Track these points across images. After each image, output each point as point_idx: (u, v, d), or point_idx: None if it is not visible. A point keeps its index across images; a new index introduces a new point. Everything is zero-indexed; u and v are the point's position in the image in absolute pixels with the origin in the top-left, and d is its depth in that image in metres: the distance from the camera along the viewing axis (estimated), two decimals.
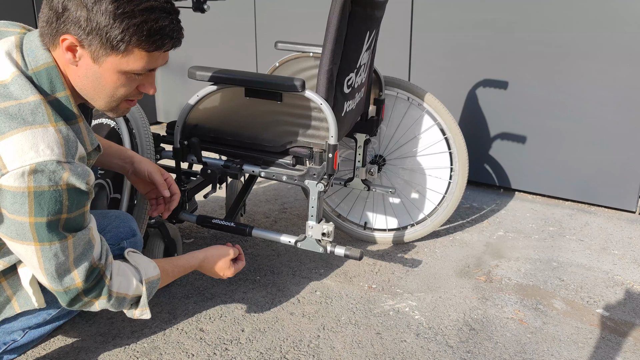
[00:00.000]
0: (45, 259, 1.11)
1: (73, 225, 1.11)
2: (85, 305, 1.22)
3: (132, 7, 1.05)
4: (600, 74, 2.48)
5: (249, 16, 3.35)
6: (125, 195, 1.78)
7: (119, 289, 1.24)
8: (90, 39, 1.06)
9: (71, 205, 1.08)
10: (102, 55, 1.08)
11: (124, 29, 1.05)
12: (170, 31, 1.11)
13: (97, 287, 1.20)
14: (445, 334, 1.69)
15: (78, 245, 1.13)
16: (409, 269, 2.07)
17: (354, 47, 1.70)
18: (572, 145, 2.62)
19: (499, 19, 2.62)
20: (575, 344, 1.66)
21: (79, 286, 1.16)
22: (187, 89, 3.71)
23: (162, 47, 1.11)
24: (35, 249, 1.09)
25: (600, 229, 2.43)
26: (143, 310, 1.32)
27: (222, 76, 1.66)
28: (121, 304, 1.27)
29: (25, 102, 1.05)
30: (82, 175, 1.08)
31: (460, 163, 2.12)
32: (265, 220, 2.49)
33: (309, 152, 1.70)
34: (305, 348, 1.62)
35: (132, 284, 1.27)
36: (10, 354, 1.39)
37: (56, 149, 1.04)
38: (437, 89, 2.87)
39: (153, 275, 1.33)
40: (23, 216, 1.04)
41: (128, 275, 1.27)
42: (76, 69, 1.11)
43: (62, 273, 1.13)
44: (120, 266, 1.27)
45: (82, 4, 1.04)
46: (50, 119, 1.06)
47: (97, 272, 1.19)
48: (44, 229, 1.07)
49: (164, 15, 1.09)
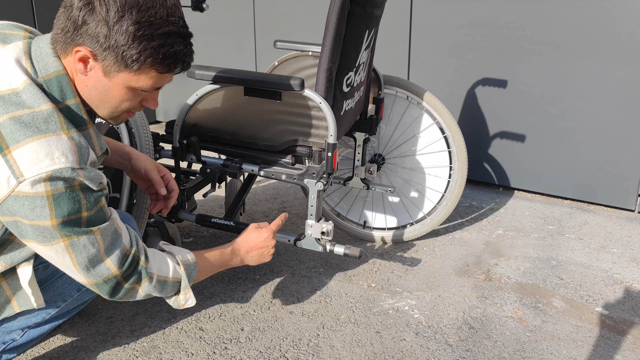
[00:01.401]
0: (77, 253, 1.13)
1: (95, 221, 1.14)
2: (129, 293, 1.24)
3: (152, 30, 1.08)
4: (599, 72, 2.48)
5: (248, 15, 3.34)
6: (125, 194, 1.78)
7: (159, 272, 1.27)
8: (106, 55, 1.09)
9: (89, 203, 1.11)
10: (114, 71, 1.11)
11: (141, 50, 1.08)
12: (183, 55, 1.15)
13: (135, 271, 1.23)
14: (444, 333, 1.69)
15: (106, 236, 1.16)
16: (409, 268, 2.07)
17: (353, 46, 1.70)
18: (571, 144, 2.63)
19: (498, 18, 2.62)
20: (574, 343, 1.66)
21: (116, 274, 1.19)
22: (186, 88, 3.71)
23: (173, 70, 1.16)
24: (64, 246, 1.12)
25: (599, 227, 2.43)
26: (187, 293, 1.34)
27: (221, 75, 1.66)
28: (164, 288, 1.29)
29: (38, 110, 1.07)
30: (95, 180, 1.11)
31: (460, 162, 2.12)
32: (264, 219, 2.48)
33: (308, 151, 1.70)
34: (305, 347, 1.62)
35: (170, 267, 1.30)
36: (9, 353, 1.39)
37: (70, 156, 1.07)
38: (436, 87, 2.87)
39: (189, 259, 1.36)
40: (45, 220, 1.07)
41: (165, 258, 1.31)
42: (85, 79, 1.13)
43: (95, 264, 1.16)
44: (155, 252, 1.30)
45: (104, 21, 1.06)
46: (62, 126, 1.09)
47: (132, 258, 1.22)
48: (68, 227, 1.10)
49: (180, 40, 1.13)
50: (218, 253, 1.47)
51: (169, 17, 1.11)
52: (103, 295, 1.22)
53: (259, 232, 1.55)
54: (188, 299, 1.35)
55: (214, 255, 1.45)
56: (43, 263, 1.33)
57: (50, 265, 1.34)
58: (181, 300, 1.35)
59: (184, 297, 1.35)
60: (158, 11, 1.09)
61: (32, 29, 1.25)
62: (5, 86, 1.08)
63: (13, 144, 1.03)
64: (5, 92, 1.07)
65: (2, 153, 1.03)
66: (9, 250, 1.21)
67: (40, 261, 1.32)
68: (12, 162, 1.03)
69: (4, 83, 1.08)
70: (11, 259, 1.22)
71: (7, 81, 1.08)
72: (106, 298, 1.22)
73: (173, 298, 1.35)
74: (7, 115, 1.05)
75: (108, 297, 1.22)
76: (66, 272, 1.18)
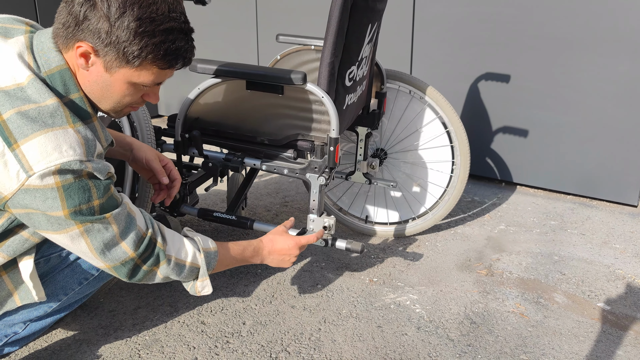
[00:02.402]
0: (92, 238, 1.15)
1: (108, 208, 1.16)
2: (147, 275, 1.26)
3: (153, 27, 1.08)
4: (602, 67, 2.47)
5: (250, 8, 3.33)
6: (127, 188, 1.78)
7: (177, 254, 1.29)
8: (107, 50, 1.09)
9: (99, 191, 1.13)
10: (115, 67, 1.12)
11: (142, 47, 1.09)
12: (184, 52, 1.15)
13: (153, 254, 1.24)
14: (446, 328, 1.69)
15: (120, 220, 1.18)
16: (410, 263, 2.07)
17: (356, 40, 1.69)
18: (573, 139, 2.62)
19: (501, 12, 2.61)
20: (576, 338, 1.66)
21: (133, 256, 1.21)
22: (189, 81, 3.71)
23: (174, 66, 1.16)
24: (79, 232, 1.13)
25: (601, 222, 2.43)
26: (204, 281, 1.36)
27: (223, 69, 1.66)
28: (181, 271, 1.31)
29: (44, 105, 1.08)
30: (103, 170, 1.13)
31: (462, 157, 2.11)
32: (266, 213, 2.48)
33: (310, 145, 1.70)
34: (307, 341, 1.62)
35: (189, 252, 1.31)
36: (11, 346, 1.39)
37: (78, 149, 1.08)
38: (438, 82, 2.86)
39: (210, 247, 1.37)
40: (57, 211, 1.09)
41: (184, 243, 1.32)
42: (87, 74, 1.14)
43: (111, 247, 1.18)
44: (175, 235, 1.31)
45: (105, 17, 1.06)
46: (68, 120, 1.10)
47: (149, 240, 1.23)
48: (81, 216, 1.12)
49: (181, 37, 1.13)
50: (241, 248, 1.48)
51: (171, 13, 1.11)
52: (122, 278, 1.24)
53: (287, 239, 1.57)
54: (205, 287, 1.37)
55: (237, 249, 1.47)
56: (44, 257, 1.33)
57: (52, 259, 1.35)
58: (198, 287, 1.37)
59: (201, 285, 1.36)
60: (159, 7, 1.09)
61: (33, 22, 1.25)
62: (9, 81, 1.08)
63: (21, 138, 1.05)
64: (10, 87, 1.08)
65: (11, 148, 1.05)
66: (12, 242, 1.21)
67: (41, 255, 1.32)
68: (21, 157, 1.04)
69: (8, 78, 1.08)
70: (14, 250, 1.22)
71: (11, 76, 1.09)
72: (125, 280, 1.24)
73: (191, 284, 1.37)
74: (14, 110, 1.06)
75: (127, 279, 1.24)
76: (83, 257, 1.20)
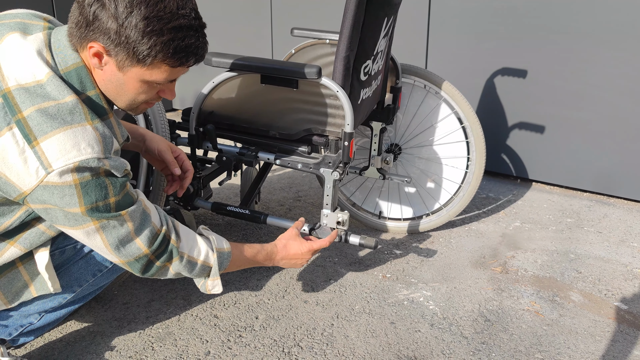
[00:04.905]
0: (107, 234, 1.17)
1: (123, 205, 1.17)
2: (160, 271, 1.28)
3: (162, 25, 1.08)
4: (621, 62, 2.43)
5: (264, 2, 3.32)
6: (141, 182, 1.79)
7: (189, 252, 1.30)
8: (118, 50, 1.10)
9: (115, 189, 1.15)
10: (127, 66, 1.12)
11: (151, 46, 1.09)
12: (195, 49, 1.15)
13: (166, 250, 1.26)
14: (460, 325, 1.68)
15: (135, 217, 1.19)
16: (424, 259, 2.05)
17: (371, 34, 1.68)
18: (591, 136, 2.58)
19: (518, 5, 2.57)
20: (592, 337, 1.64)
21: (147, 252, 1.23)
22: (203, 75, 3.71)
23: (185, 64, 1.16)
24: (95, 228, 1.15)
25: (619, 220, 2.39)
26: (215, 280, 1.37)
27: (238, 63, 1.65)
28: (193, 269, 1.32)
29: (63, 102, 1.09)
30: (120, 168, 1.15)
31: (477, 152, 2.09)
32: (279, 208, 2.48)
33: (324, 140, 1.69)
34: (319, 336, 1.62)
35: (202, 251, 1.33)
36: (26, 336, 1.41)
37: (96, 147, 1.10)
38: (454, 77, 2.84)
39: (224, 247, 1.38)
40: (75, 207, 1.11)
41: (198, 241, 1.33)
42: (101, 73, 1.15)
43: (126, 243, 1.20)
44: (189, 232, 1.33)
45: (114, 17, 1.07)
46: (87, 117, 1.11)
47: (163, 237, 1.25)
48: (97, 213, 1.13)
49: (191, 34, 1.13)
50: (255, 251, 1.49)
51: (179, 9, 1.10)
52: (135, 273, 1.26)
53: (300, 243, 1.58)
54: (215, 286, 1.38)
55: (250, 251, 1.48)
56: (59, 249, 1.34)
57: (66, 250, 1.36)
58: (209, 286, 1.38)
59: (212, 283, 1.38)
60: (167, 5, 1.08)
61: (51, 17, 1.26)
62: (29, 78, 1.09)
63: (41, 135, 1.06)
64: (30, 84, 1.09)
65: (31, 145, 1.06)
66: (29, 234, 1.23)
67: (56, 247, 1.33)
68: (40, 154, 1.06)
69: (28, 75, 1.10)
70: (30, 243, 1.24)
71: (31, 73, 1.10)
72: (138, 275, 1.27)
73: (202, 281, 1.38)
74: (34, 107, 1.07)
75: (140, 274, 1.26)
76: (98, 252, 1.22)
